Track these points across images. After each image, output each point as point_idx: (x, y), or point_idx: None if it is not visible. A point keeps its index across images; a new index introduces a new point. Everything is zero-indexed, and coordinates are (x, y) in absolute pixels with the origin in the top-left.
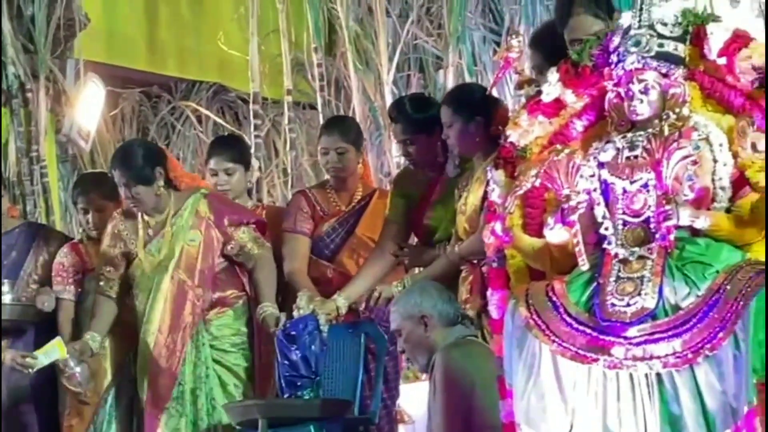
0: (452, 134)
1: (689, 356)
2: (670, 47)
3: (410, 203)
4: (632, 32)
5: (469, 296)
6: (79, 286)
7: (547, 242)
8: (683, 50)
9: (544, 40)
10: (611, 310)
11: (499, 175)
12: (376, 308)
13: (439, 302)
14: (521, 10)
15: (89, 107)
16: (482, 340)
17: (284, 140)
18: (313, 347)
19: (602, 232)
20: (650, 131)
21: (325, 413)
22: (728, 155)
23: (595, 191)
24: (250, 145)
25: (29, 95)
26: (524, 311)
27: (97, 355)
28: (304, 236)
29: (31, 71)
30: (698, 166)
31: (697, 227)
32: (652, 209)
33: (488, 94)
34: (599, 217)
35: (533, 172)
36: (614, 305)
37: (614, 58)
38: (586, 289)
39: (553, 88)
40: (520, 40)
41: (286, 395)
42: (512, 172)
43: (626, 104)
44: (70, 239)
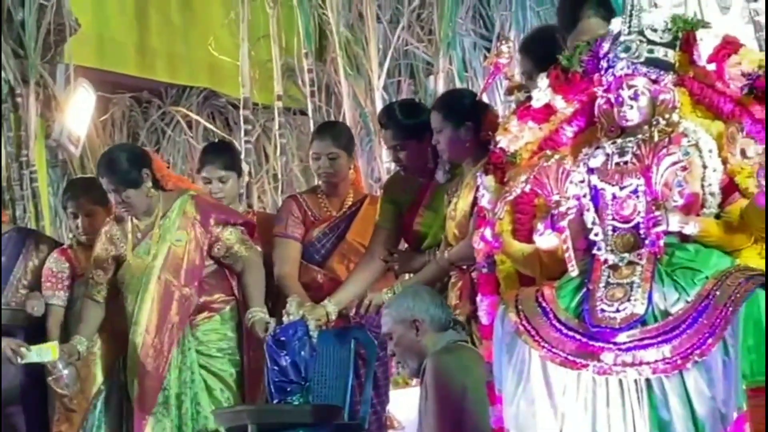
0: (442, 140)
1: (678, 362)
2: (659, 53)
3: (400, 209)
4: (622, 38)
5: (458, 302)
6: (68, 291)
7: (536, 248)
8: (673, 56)
9: (534, 45)
10: (601, 315)
11: (489, 180)
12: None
13: (431, 307)
14: (511, 16)
15: (79, 112)
16: (472, 345)
17: (274, 146)
18: (302, 353)
19: (592, 237)
20: (640, 137)
21: (314, 419)
22: (718, 161)
23: (584, 197)
24: (240, 150)
25: (19, 100)
26: (514, 317)
27: (84, 358)
28: (295, 241)
29: (21, 76)
30: (688, 172)
31: (686, 233)
32: (641, 215)
33: (478, 99)
34: (589, 222)
35: (523, 177)
36: (604, 311)
37: (604, 64)
38: (575, 294)
39: (543, 93)
40: (510, 46)
41: (275, 401)
42: (502, 177)
43: (616, 110)
44: (59, 244)
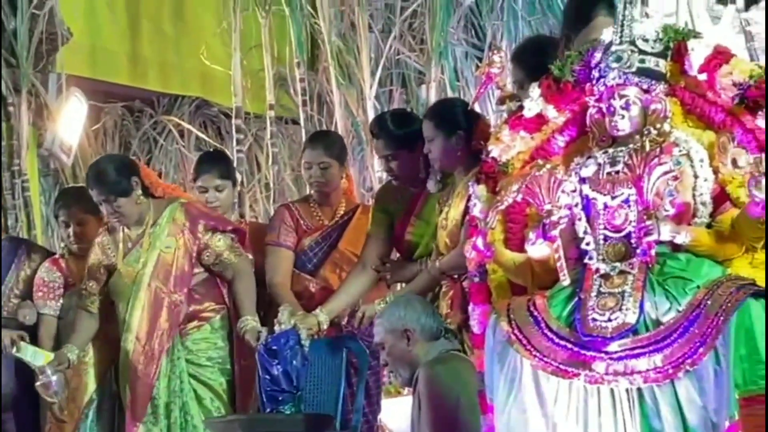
0: (434, 149)
1: (670, 371)
2: (651, 63)
3: (392, 218)
4: (613, 48)
5: (449, 311)
6: (60, 301)
7: (528, 257)
8: (664, 66)
9: (526, 55)
10: (592, 325)
11: (480, 190)
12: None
13: (422, 316)
14: (503, 25)
15: (71, 121)
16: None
17: (266, 155)
18: (294, 362)
19: (583, 247)
20: (631, 147)
21: (306, 428)
22: (709, 171)
23: (576, 206)
24: (233, 159)
25: (11, 109)
26: (505, 326)
27: (75, 367)
28: (287, 249)
29: (13, 85)
30: (679, 181)
31: (678, 243)
32: (633, 224)
33: (470, 108)
34: (580, 232)
35: (515, 187)
36: (595, 320)
37: (595, 73)
38: (567, 304)
39: (534, 103)
40: (501, 55)
41: (267, 410)
42: (494, 187)
43: (607, 120)
44: (51, 254)
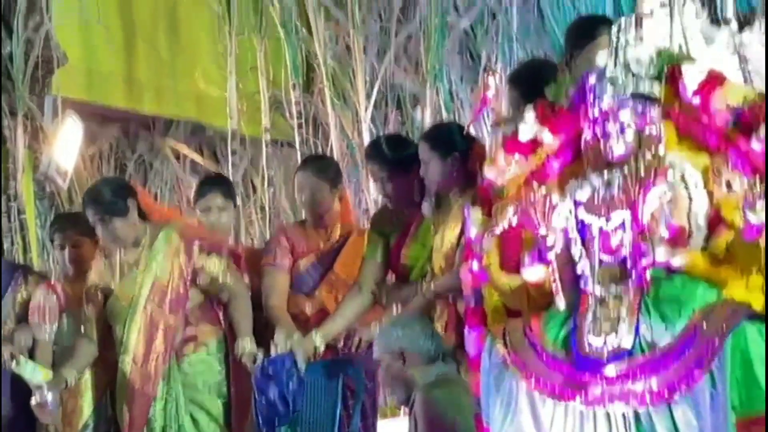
0: (430, 171)
1: (666, 394)
2: (645, 87)
3: (388, 241)
4: (608, 72)
5: (444, 333)
6: (55, 324)
7: (524, 281)
8: (659, 90)
9: (522, 77)
10: (588, 348)
11: (475, 213)
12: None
13: (420, 338)
14: (498, 48)
15: (67, 145)
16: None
17: (262, 177)
18: (290, 385)
19: (578, 270)
20: (626, 170)
21: None
22: (704, 194)
23: (571, 230)
24: None
25: (7, 133)
26: (501, 349)
27: (70, 389)
28: (283, 272)
29: (8, 109)
30: (674, 205)
31: (673, 266)
32: (628, 248)
33: (466, 131)
34: (576, 255)
35: (510, 210)
36: (591, 343)
37: (590, 97)
38: (563, 327)
39: (529, 127)
40: (497, 79)
41: None
42: (489, 210)
43: (602, 143)
44: (47, 278)
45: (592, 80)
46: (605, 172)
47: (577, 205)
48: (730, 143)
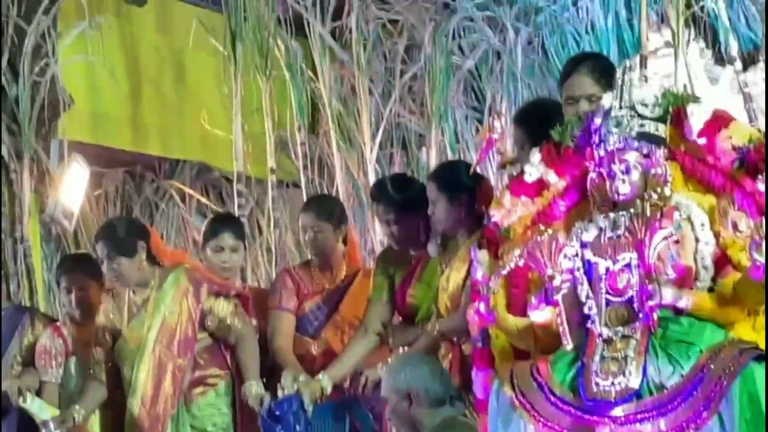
0: (437, 211)
1: None
2: (650, 128)
3: (393, 282)
4: (613, 113)
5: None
6: (61, 368)
7: (531, 322)
8: (664, 131)
9: (527, 117)
10: (596, 389)
11: (482, 255)
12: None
13: (428, 380)
14: (502, 88)
15: (73, 187)
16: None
17: (268, 219)
18: (297, 427)
19: (586, 311)
20: (632, 211)
21: None
22: (710, 235)
23: (578, 271)
24: None
25: (13, 176)
26: (509, 391)
27: (78, 426)
28: (288, 313)
29: (15, 152)
30: (680, 245)
31: (680, 306)
32: (635, 289)
33: (473, 171)
34: (582, 296)
35: (517, 252)
36: (599, 384)
37: (596, 138)
38: (570, 368)
39: (535, 168)
40: (502, 121)
41: None
42: (496, 252)
43: (608, 184)
44: (54, 321)
45: (597, 121)
46: (611, 212)
47: (583, 246)
48: (735, 183)
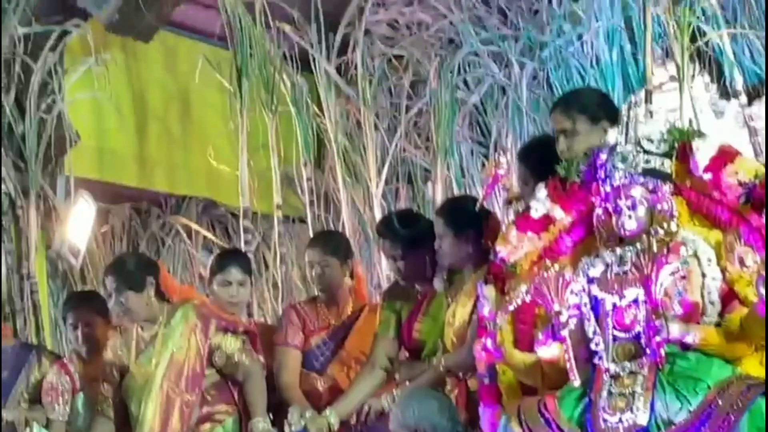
0: (444, 245)
1: None
2: (656, 163)
3: (399, 317)
4: (619, 149)
5: None
6: (68, 405)
7: (538, 358)
8: (670, 166)
9: (531, 153)
10: (603, 425)
11: (489, 291)
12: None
13: (436, 417)
14: (508, 122)
15: (79, 224)
16: None
17: (274, 254)
18: None
19: (593, 347)
20: (639, 246)
21: None
22: (716, 270)
23: (585, 306)
24: None
25: (20, 212)
26: (517, 427)
27: None
28: (295, 350)
29: (21, 188)
30: (687, 281)
31: (687, 342)
32: (642, 324)
33: (480, 206)
34: (589, 332)
35: (523, 288)
36: (606, 420)
37: (602, 174)
38: (578, 404)
39: (541, 204)
40: (507, 156)
41: None
42: (502, 287)
43: (614, 220)
44: (60, 357)
45: (603, 157)
46: (617, 248)
47: (590, 281)
48: (741, 219)
